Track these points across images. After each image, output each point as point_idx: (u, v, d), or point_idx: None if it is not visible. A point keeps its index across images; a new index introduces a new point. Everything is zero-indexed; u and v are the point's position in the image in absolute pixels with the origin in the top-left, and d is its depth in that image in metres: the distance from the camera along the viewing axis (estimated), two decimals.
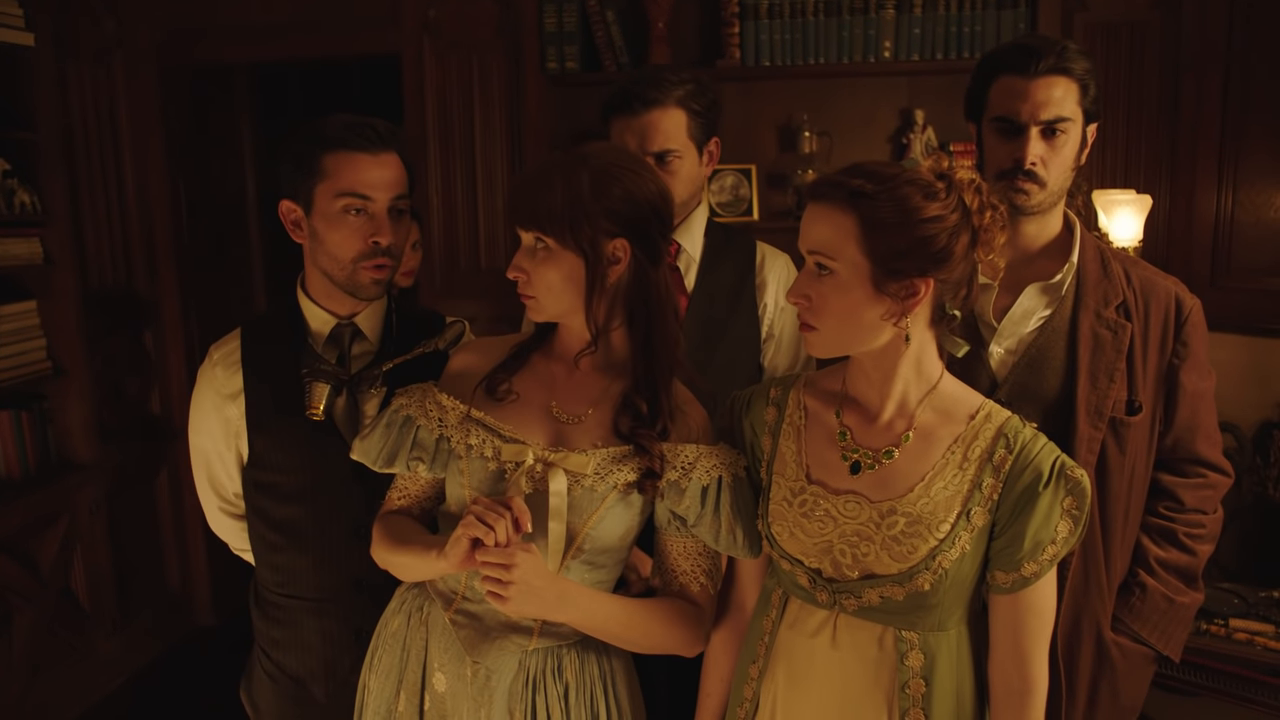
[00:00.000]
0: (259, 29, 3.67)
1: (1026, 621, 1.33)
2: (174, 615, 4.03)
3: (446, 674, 1.49)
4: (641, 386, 1.44)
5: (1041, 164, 1.62)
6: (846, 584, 1.34)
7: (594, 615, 1.42)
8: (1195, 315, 1.71)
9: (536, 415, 1.47)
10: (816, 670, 1.38)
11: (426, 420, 1.49)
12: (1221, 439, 1.79)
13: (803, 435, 1.41)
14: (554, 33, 3.38)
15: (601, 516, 1.43)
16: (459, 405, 1.47)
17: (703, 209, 2.05)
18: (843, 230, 1.26)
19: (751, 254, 2.04)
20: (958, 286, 1.31)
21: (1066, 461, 1.30)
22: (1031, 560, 1.29)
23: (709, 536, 1.44)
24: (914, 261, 1.25)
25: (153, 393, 3.93)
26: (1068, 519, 1.29)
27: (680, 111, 1.89)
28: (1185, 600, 1.74)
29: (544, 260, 1.40)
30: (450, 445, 1.48)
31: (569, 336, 1.49)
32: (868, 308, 1.28)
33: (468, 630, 1.48)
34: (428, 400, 1.50)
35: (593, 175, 1.38)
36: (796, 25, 3.25)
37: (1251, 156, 3.09)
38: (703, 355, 1.94)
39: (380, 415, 1.54)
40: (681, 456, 1.42)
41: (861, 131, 3.43)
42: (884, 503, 1.32)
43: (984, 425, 1.34)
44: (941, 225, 1.25)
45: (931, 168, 1.29)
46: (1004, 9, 3.15)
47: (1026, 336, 1.70)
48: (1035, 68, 1.61)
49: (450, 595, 1.50)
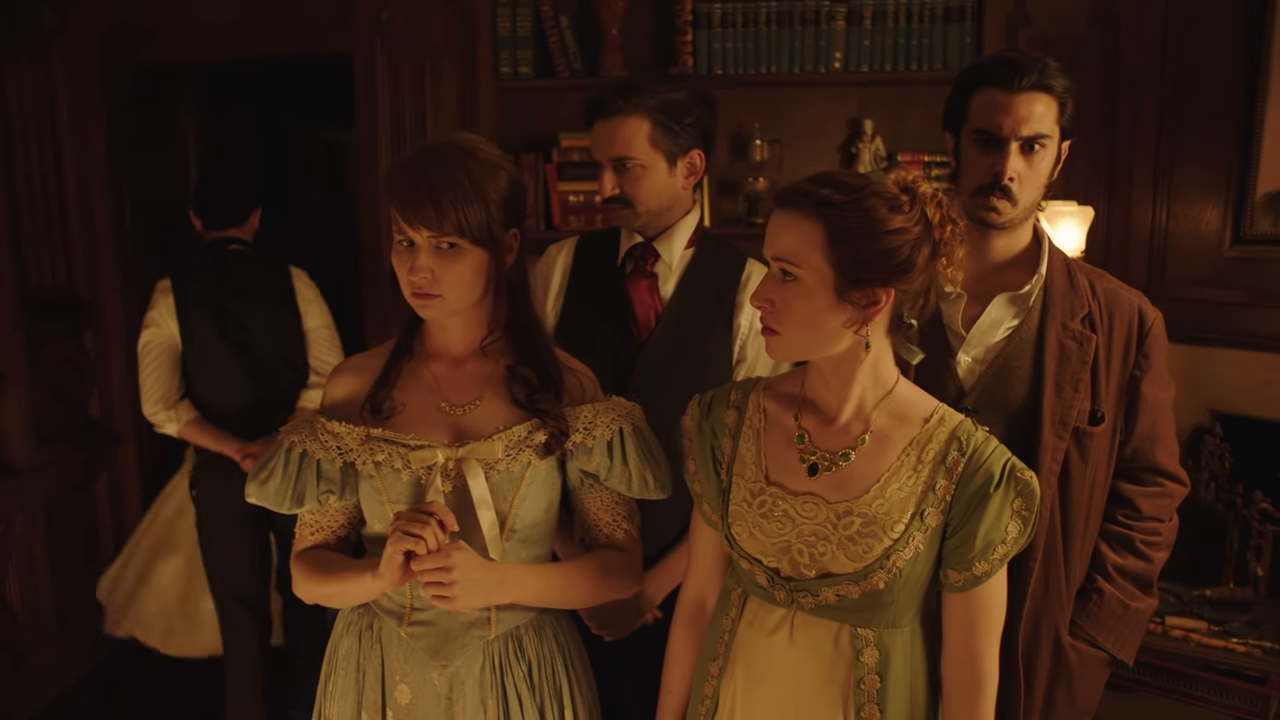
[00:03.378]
0: (206, 27, 3.60)
1: (978, 619, 1.37)
2: None
3: (410, 684, 1.51)
4: (525, 356, 1.51)
5: (1018, 180, 1.65)
6: (804, 583, 1.37)
7: (537, 587, 1.50)
8: (1157, 327, 1.75)
9: (432, 417, 1.50)
10: (774, 667, 1.41)
11: (325, 451, 1.48)
12: (1178, 449, 1.84)
13: (762, 437, 1.44)
14: (507, 38, 3.38)
15: (524, 495, 1.49)
16: (354, 429, 1.48)
17: (689, 219, 2.00)
18: (809, 238, 1.29)
19: (737, 272, 2.01)
20: (917, 297, 1.35)
21: (1016, 464, 1.34)
22: (982, 559, 1.33)
23: (622, 486, 1.53)
24: (877, 271, 1.29)
25: (93, 395, 3.84)
26: (1017, 520, 1.33)
27: (645, 121, 1.88)
28: (1140, 606, 1.78)
29: (454, 258, 1.41)
30: (356, 469, 1.49)
31: (446, 333, 1.52)
32: (830, 315, 1.31)
33: (427, 638, 1.51)
34: (319, 431, 1.49)
35: (484, 168, 1.42)
36: (749, 35, 3.30)
37: (1185, 171, 3.21)
38: (668, 368, 1.95)
39: (271, 456, 1.51)
40: (581, 418, 1.50)
41: (812, 140, 3.48)
42: (841, 504, 1.36)
43: (938, 428, 1.37)
44: (904, 237, 1.29)
45: (897, 180, 1.32)
46: (951, 23, 3.22)
47: (994, 346, 1.72)
48: (1019, 83, 1.62)
49: (399, 610, 1.52)
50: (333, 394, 1.55)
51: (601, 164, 1.93)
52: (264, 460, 1.51)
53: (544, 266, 2.10)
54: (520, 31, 3.38)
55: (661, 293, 1.99)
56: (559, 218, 3.45)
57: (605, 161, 1.92)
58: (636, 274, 2.00)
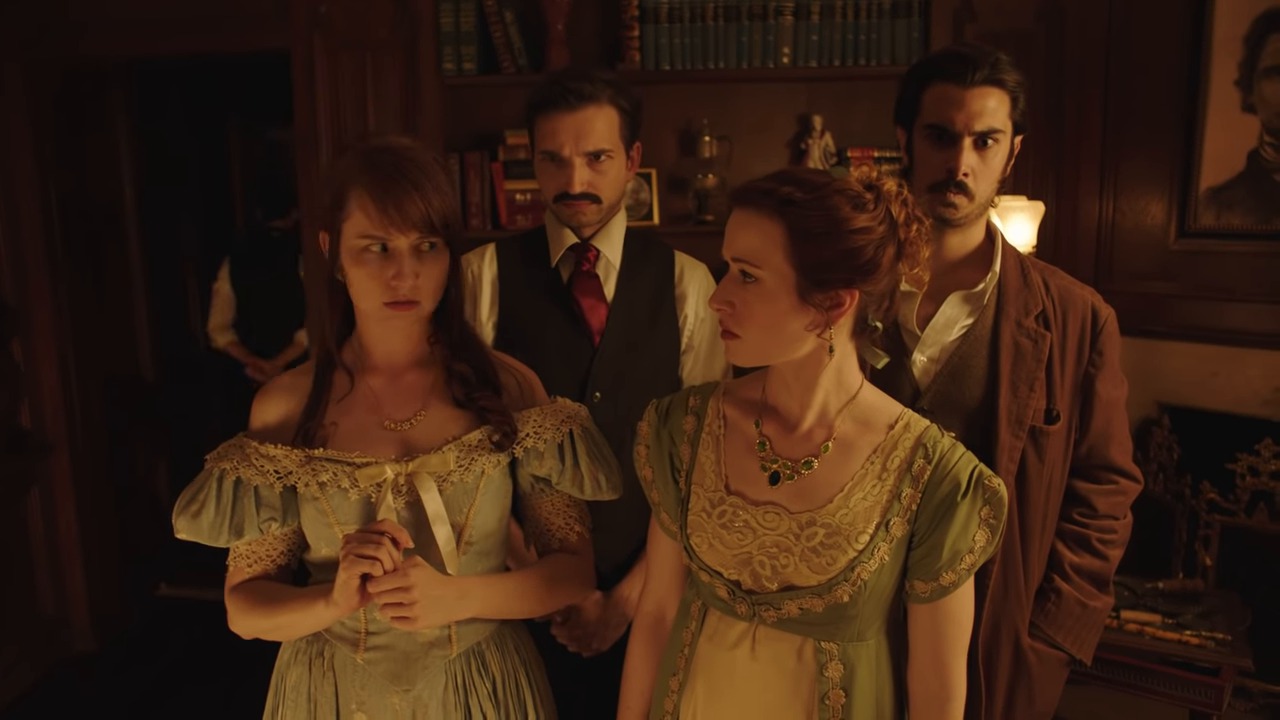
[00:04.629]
0: (138, 22, 3.47)
1: (945, 630, 1.33)
2: (48, 642, 3.79)
3: (368, 712, 1.45)
4: (459, 354, 1.47)
5: (972, 175, 1.62)
6: (766, 596, 1.32)
7: (496, 599, 1.46)
8: (1110, 325, 1.74)
9: (375, 433, 1.43)
10: (737, 683, 1.36)
11: (263, 476, 1.39)
12: (1132, 446, 1.83)
13: (722, 444, 1.39)
14: (451, 33, 3.31)
15: (479, 506, 1.45)
16: (292, 451, 1.40)
17: (622, 215, 1.98)
18: (770, 238, 1.24)
19: (670, 264, 1.99)
20: (881, 299, 1.30)
21: (984, 471, 1.30)
22: (950, 570, 1.29)
23: (574, 489, 1.51)
24: (840, 272, 1.24)
25: (22, 405, 3.70)
26: (985, 528, 1.29)
27: (613, 109, 1.84)
28: (1098, 605, 1.77)
29: (434, 260, 1.38)
30: (298, 491, 1.41)
31: (391, 343, 1.46)
32: (792, 317, 1.26)
33: (386, 664, 1.44)
34: (253, 456, 1.40)
35: (439, 165, 1.40)
36: (696, 30, 3.25)
37: (1131, 165, 3.23)
38: (625, 365, 1.90)
39: (200, 487, 1.40)
40: (530, 422, 1.47)
41: (761, 136, 3.45)
42: (803, 514, 1.31)
43: (903, 435, 1.33)
44: (869, 237, 1.23)
45: (860, 178, 1.27)
46: (899, 18, 3.21)
47: (949, 345, 1.70)
48: (971, 77, 1.60)
49: (353, 636, 1.45)
50: (264, 416, 1.46)
51: (565, 158, 1.83)
52: (192, 492, 1.40)
53: (467, 280, 2.03)
54: (464, 26, 3.30)
55: (604, 291, 1.94)
56: (505, 217, 3.38)
57: (575, 155, 1.83)
58: (579, 275, 1.94)
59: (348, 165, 1.37)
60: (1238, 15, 2.97)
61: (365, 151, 1.37)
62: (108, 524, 4.00)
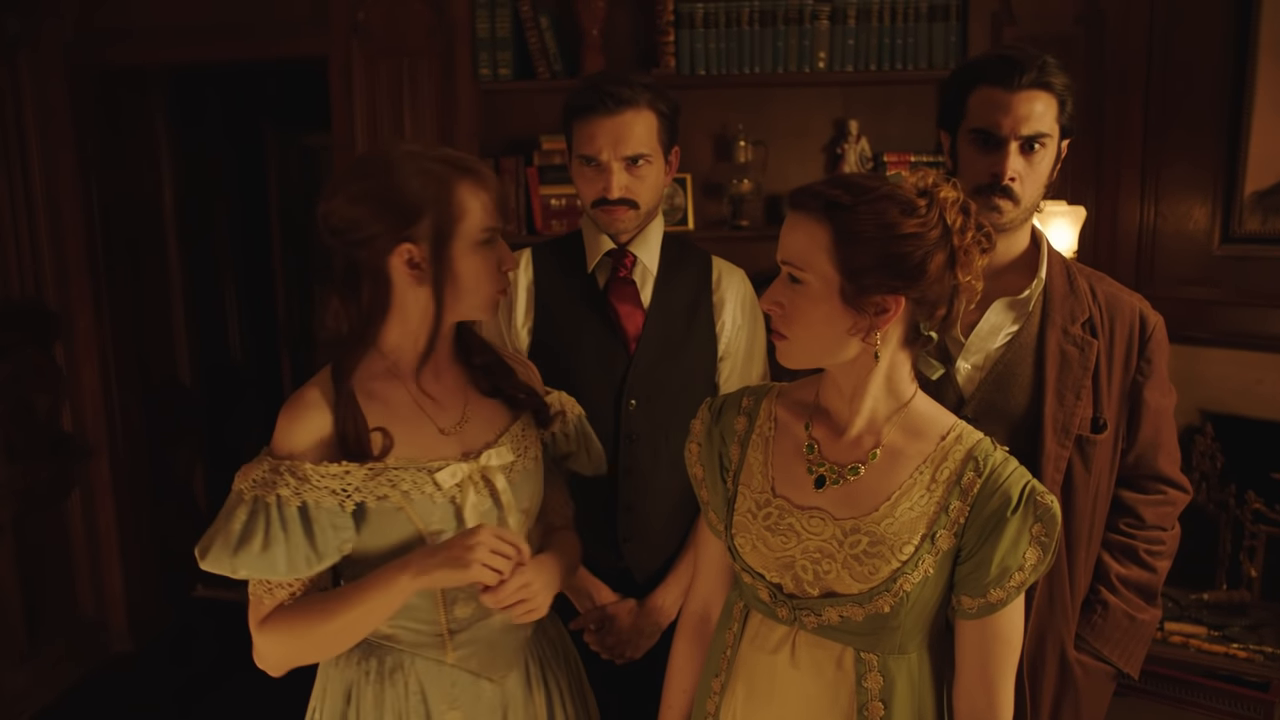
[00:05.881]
0: (178, 30, 3.52)
1: (993, 648, 1.29)
2: (88, 643, 3.83)
3: (461, 708, 1.47)
4: (475, 349, 1.53)
5: (1019, 180, 1.60)
6: (807, 601, 1.31)
7: (563, 568, 1.54)
8: (1159, 332, 1.71)
9: (434, 436, 1.43)
10: (777, 688, 1.35)
11: (333, 496, 1.34)
12: (1180, 455, 1.79)
13: (771, 446, 1.38)
14: (486, 39, 3.32)
15: (534, 489, 1.53)
16: (356, 467, 1.35)
17: (659, 222, 1.96)
18: (816, 241, 1.23)
19: (708, 269, 1.97)
20: (934, 307, 1.27)
21: (1037, 487, 1.26)
22: (998, 586, 1.26)
23: (587, 467, 1.66)
24: (884, 278, 1.22)
25: (64, 409, 3.75)
26: (1036, 546, 1.25)
27: (651, 113, 1.82)
28: (1146, 617, 1.74)
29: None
30: (368, 506, 1.36)
31: (398, 351, 1.44)
32: (836, 321, 1.25)
33: (476, 658, 1.48)
34: (313, 478, 1.33)
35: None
36: (732, 35, 3.25)
37: (1173, 169, 3.18)
38: (661, 373, 1.89)
39: (248, 522, 1.31)
40: (553, 407, 1.59)
41: (796, 141, 3.44)
42: (847, 520, 1.29)
43: (954, 446, 1.30)
44: (916, 243, 1.22)
45: (916, 183, 1.25)
46: (936, 21, 3.18)
47: (994, 353, 1.67)
48: (1018, 81, 1.57)
49: (436, 640, 1.46)
50: (303, 438, 1.36)
51: (602, 163, 1.81)
52: (240, 530, 1.31)
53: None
54: (499, 33, 3.32)
55: (641, 298, 1.93)
56: (541, 222, 3.39)
57: (613, 160, 1.81)
58: (616, 281, 1.93)
59: (437, 174, 1.36)
60: None
61: (444, 159, 1.38)
62: (145, 526, 4.04)
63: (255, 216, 5.30)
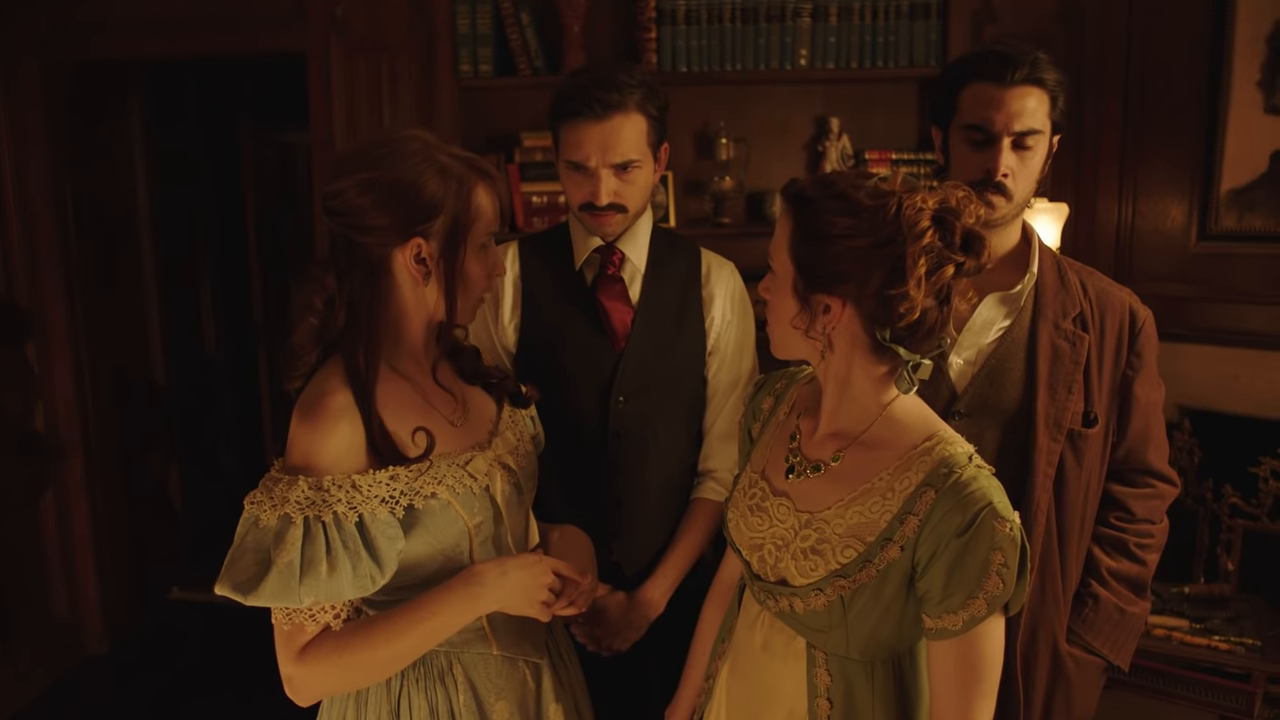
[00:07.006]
0: (154, 24, 3.47)
1: (961, 672, 1.21)
2: (62, 646, 3.78)
3: (506, 697, 1.48)
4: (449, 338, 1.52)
5: (1011, 176, 1.60)
6: (767, 585, 1.34)
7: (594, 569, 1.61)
8: (1148, 326, 1.72)
9: (448, 429, 1.43)
10: (752, 663, 1.39)
11: (386, 505, 1.30)
12: (1169, 449, 1.81)
13: (776, 430, 1.42)
14: (467, 35, 3.30)
15: (534, 469, 1.58)
16: (402, 470, 1.32)
17: (647, 217, 1.93)
18: (783, 232, 1.27)
19: (696, 264, 1.95)
20: (886, 317, 1.19)
21: (998, 510, 1.16)
22: (954, 611, 1.18)
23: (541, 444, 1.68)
24: (825, 277, 1.21)
25: (36, 409, 3.69)
26: (996, 576, 1.16)
27: (641, 116, 1.76)
28: (1136, 610, 1.75)
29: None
30: (416, 507, 1.34)
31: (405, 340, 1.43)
32: (790, 315, 1.27)
33: (515, 647, 1.51)
34: (365, 488, 1.29)
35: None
36: (713, 32, 3.25)
37: (1150, 167, 3.21)
38: (650, 370, 1.88)
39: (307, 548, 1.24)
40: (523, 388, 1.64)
41: (778, 139, 3.44)
42: (804, 514, 1.30)
43: (921, 459, 1.23)
44: (846, 245, 1.18)
45: (875, 185, 1.21)
46: (917, 19, 3.19)
47: (986, 347, 1.68)
48: (1011, 77, 1.58)
49: (481, 635, 1.46)
50: (336, 448, 1.30)
51: (591, 169, 1.77)
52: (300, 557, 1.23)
53: None
54: (480, 29, 3.30)
55: (629, 295, 1.91)
56: (522, 219, 3.37)
57: (602, 167, 1.76)
58: (604, 279, 1.91)
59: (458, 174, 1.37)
60: (1260, 16, 2.95)
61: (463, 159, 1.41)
62: (120, 527, 3.99)
63: (231, 214, 5.24)
